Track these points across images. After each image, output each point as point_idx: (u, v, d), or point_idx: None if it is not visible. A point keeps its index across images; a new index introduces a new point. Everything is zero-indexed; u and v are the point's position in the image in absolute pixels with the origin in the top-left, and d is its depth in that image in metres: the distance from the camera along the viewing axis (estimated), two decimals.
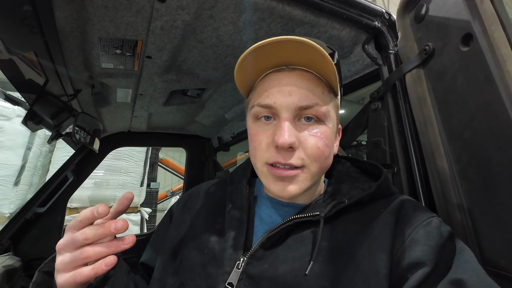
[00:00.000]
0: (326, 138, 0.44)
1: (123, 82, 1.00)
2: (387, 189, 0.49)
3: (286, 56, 0.43)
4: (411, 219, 0.43)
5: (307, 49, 0.41)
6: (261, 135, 0.45)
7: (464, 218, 0.49)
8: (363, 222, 0.45)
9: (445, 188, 0.53)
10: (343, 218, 0.46)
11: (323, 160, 0.44)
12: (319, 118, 0.44)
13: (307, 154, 0.43)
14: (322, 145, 0.43)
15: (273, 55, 0.43)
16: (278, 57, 0.44)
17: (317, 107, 0.43)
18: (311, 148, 0.43)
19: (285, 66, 0.45)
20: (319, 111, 0.43)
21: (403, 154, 0.67)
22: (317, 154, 0.43)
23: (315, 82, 0.45)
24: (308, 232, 0.45)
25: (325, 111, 0.44)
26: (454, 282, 0.36)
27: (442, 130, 0.53)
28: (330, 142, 0.45)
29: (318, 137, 0.43)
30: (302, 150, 0.43)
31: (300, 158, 0.43)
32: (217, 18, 0.70)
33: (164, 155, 6.95)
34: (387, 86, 0.70)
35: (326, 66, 0.42)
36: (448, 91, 0.51)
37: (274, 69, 0.47)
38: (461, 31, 0.48)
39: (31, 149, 2.98)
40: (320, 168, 0.45)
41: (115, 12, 0.62)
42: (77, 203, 3.06)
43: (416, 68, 0.60)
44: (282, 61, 0.45)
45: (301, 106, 0.43)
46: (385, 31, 0.73)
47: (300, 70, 0.45)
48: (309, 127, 0.44)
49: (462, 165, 0.49)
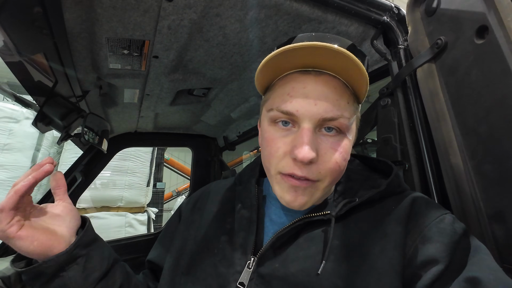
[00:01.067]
0: (345, 152, 0.42)
1: (130, 83, 1.01)
2: (398, 186, 0.48)
3: (318, 60, 0.40)
4: (424, 216, 0.42)
5: (341, 57, 0.38)
6: (278, 141, 0.42)
7: (480, 215, 0.48)
8: (374, 220, 0.44)
9: (460, 185, 0.52)
10: (354, 217, 0.45)
11: (338, 174, 0.43)
12: (341, 130, 0.42)
13: (325, 168, 0.41)
14: (340, 160, 0.42)
15: (304, 57, 0.40)
16: (307, 60, 0.40)
17: (342, 120, 0.41)
18: (329, 163, 0.41)
19: (312, 68, 0.42)
20: (342, 123, 0.41)
21: (414, 151, 0.66)
22: (334, 169, 0.42)
23: (341, 91, 0.42)
24: (318, 231, 0.45)
25: (348, 123, 0.42)
26: (469, 280, 0.35)
27: (455, 125, 0.52)
28: (348, 156, 0.44)
29: (338, 151, 0.41)
30: (320, 164, 0.41)
31: (317, 172, 0.41)
32: (223, 16, 0.69)
33: (169, 155, 7.00)
34: (397, 82, 0.69)
35: (359, 76, 0.40)
36: (462, 85, 0.50)
37: (298, 70, 0.43)
38: (475, 23, 0.47)
39: (40, 151, 3.02)
40: (334, 180, 0.44)
41: (123, 12, 0.63)
42: (85, 204, 3.09)
43: (427, 63, 0.58)
44: (311, 64, 0.41)
45: (325, 118, 0.40)
46: (394, 26, 0.72)
47: (327, 75, 0.41)
48: (330, 139, 0.41)
49: (477, 160, 0.48)
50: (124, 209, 3.29)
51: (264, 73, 0.44)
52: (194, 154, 2.03)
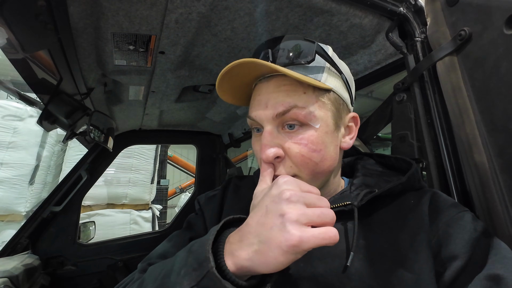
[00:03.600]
0: (312, 143, 0.42)
1: (135, 79, 0.99)
2: (418, 181, 0.47)
3: (262, 69, 0.43)
4: (442, 213, 0.42)
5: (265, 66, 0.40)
6: (256, 146, 0.46)
7: (508, 216, 0.46)
8: (398, 218, 0.43)
9: (485, 184, 0.49)
10: (376, 213, 0.44)
11: (313, 166, 0.42)
12: (301, 121, 0.42)
13: (294, 162, 0.42)
14: (306, 152, 0.41)
15: (249, 70, 0.43)
16: (253, 72, 0.44)
17: (295, 110, 0.41)
18: (295, 157, 0.42)
19: (268, 74, 0.44)
20: (298, 113, 0.41)
21: (432, 148, 0.63)
22: (303, 162, 0.42)
23: (293, 86, 0.43)
24: (339, 225, 0.44)
25: (305, 112, 0.42)
26: (491, 277, 0.35)
27: (480, 121, 0.50)
28: (319, 145, 0.42)
29: (302, 144, 0.42)
30: (288, 159, 0.42)
31: (289, 166, 0.42)
32: (232, 9, 0.67)
33: (173, 152, 7.01)
34: (414, 76, 0.66)
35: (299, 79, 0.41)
36: (489, 79, 0.47)
37: (259, 80, 0.46)
38: (505, 12, 0.44)
39: (44, 149, 3.02)
40: (313, 173, 0.43)
41: (129, 5, 0.60)
42: (90, 201, 3.10)
43: (449, 56, 0.55)
44: (261, 73, 0.44)
45: (278, 113, 0.42)
46: (411, 17, 0.69)
47: (278, 76, 0.44)
48: (293, 134, 0.42)
49: (505, 159, 0.46)
50: (128, 206, 3.30)
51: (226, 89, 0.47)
52: (199, 152, 2.01)
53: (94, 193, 3.06)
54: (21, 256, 1.32)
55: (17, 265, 1.17)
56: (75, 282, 1.52)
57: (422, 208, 0.43)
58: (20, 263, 1.20)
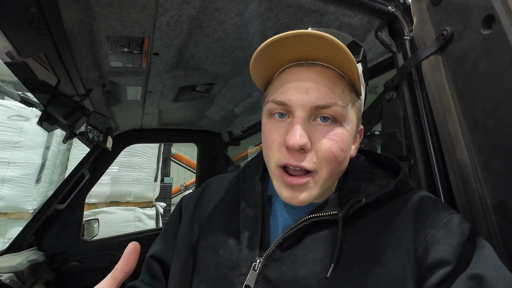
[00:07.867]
0: (342, 142, 0.41)
1: (132, 80, 1.01)
2: (406, 186, 0.47)
3: (307, 50, 0.40)
4: (431, 216, 0.41)
5: (327, 44, 0.37)
6: (274, 133, 0.43)
7: (488, 213, 0.46)
8: (383, 222, 0.43)
9: (466, 181, 0.50)
10: (362, 218, 0.44)
11: (335, 166, 0.42)
12: (337, 119, 0.41)
13: (319, 157, 0.40)
14: (336, 149, 0.40)
15: (293, 48, 0.40)
16: (298, 50, 0.40)
17: (335, 107, 0.40)
18: (324, 152, 0.40)
19: (304, 60, 0.42)
20: (337, 111, 0.40)
21: (420, 146, 0.64)
22: (329, 159, 0.40)
23: (335, 80, 0.41)
24: (326, 233, 0.44)
25: (343, 112, 0.41)
26: (472, 277, 0.35)
27: (462, 119, 0.50)
28: (346, 146, 0.42)
29: (333, 140, 0.40)
30: (314, 152, 0.40)
31: (312, 161, 0.40)
32: (223, 10, 0.68)
33: (177, 150, 7.06)
34: (402, 75, 0.67)
35: (347, 63, 0.39)
36: (469, 78, 0.48)
37: (293, 64, 0.43)
38: (482, 13, 0.44)
39: (50, 148, 3.08)
40: (332, 173, 0.42)
41: (120, 9, 0.62)
42: (95, 199, 3.16)
43: (433, 55, 0.56)
44: (302, 55, 0.41)
45: (317, 105, 0.40)
46: (400, 16, 0.69)
47: (321, 66, 0.42)
48: (325, 128, 0.41)
49: (485, 156, 0.46)
50: (133, 204, 3.35)
51: (258, 67, 0.44)
52: (199, 150, 2.04)
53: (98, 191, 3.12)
54: (26, 252, 1.36)
55: (23, 261, 1.21)
56: (79, 277, 1.57)
57: (410, 214, 0.43)
58: (26, 259, 1.25)
